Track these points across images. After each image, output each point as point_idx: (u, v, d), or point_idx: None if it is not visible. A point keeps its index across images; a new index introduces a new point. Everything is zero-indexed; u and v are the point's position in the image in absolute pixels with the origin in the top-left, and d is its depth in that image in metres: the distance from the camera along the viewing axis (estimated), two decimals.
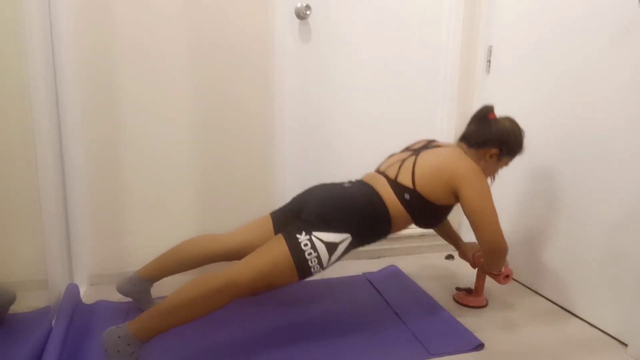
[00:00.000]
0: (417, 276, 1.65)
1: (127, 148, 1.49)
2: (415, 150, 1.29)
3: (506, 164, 1.34)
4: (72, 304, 1.22)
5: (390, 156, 1.37)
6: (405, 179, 1.22)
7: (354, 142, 1.78)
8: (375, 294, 1.45)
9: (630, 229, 1.17)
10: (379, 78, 1.76)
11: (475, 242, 1.42)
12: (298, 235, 1.09)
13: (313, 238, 1.09)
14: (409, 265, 1.76)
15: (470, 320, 1.29)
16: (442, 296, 1.46)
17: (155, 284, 1.29)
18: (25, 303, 1.17)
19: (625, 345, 1.18)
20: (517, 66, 1.61)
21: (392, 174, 1.26)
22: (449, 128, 1.85)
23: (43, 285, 1.25)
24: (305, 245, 1.08)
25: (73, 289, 1.32)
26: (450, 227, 1.53)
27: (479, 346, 1.14)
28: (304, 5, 1.58)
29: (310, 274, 1.10)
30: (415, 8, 1.76)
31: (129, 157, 1.50)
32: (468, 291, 1.42)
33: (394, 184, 1.23)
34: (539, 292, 1.51)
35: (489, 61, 1.77)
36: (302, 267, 1.08)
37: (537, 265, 1.52)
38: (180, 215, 1.59)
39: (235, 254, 1.22)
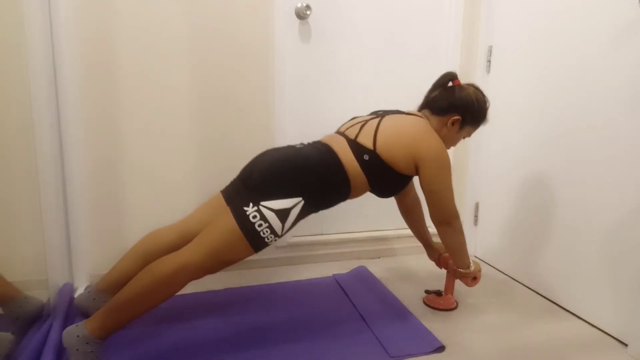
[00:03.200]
0: (398, 277, 1.65)
1: (127, 148, 1.49)
2: (380, 114, 1.24)
3: (469, 133, 1.30)
4: (65, 304, 1.22)
5: (352, 118, 1.32)
6: (365, 140, 1.16)
7: None
8: (342, 296, 1.44)
9: (630, 229, 1.17)
10: (379, 78, 1.76)
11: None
12: (245, 208, 1.04)
13: (261, 208, 1.03)
14: (400, 265, 1.76)
15: (437, 323, 1.29)
16: (412, 298, 1.45)
17: None
18: None
19: (625, 345, 1.18)
20: (517, 66, 1.61)
21: (352, 134, 1.20)
22: None
23: (43, 285, 1.26)
24: (254, 217, 1.03)
25: (67, 289, 1.32)
26: (422, 224, 1.50)
27: (440, 348, 1.13)
28: (304, 5, 1.58)
29: (265, 244, 1.06)
30: (415, 8, 1.76)
31: (129, 157, 1.50)
32: (437, 294, 1.41)
33: (354, 144, 1.16)
34: (539, 292, 1.51)
35: (489, 61, 1.77)
36: (254, 239, 1.04)
37: (537, 265, 1.52)
38: (180, 216, 1.58)
39: (190, 241, 1.12)
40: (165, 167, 1.54)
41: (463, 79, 1.82)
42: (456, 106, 1.23)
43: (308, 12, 1.59)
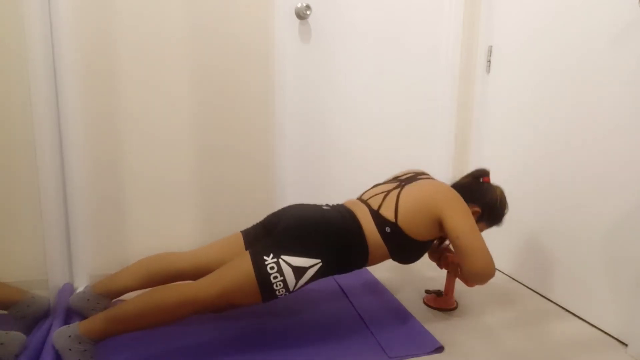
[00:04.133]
0: (398, 277, 1.65)
1: (127, 148, 1.49)
2: (401, 182, 1.25)
3: (481, 229, 1.31)
4: (65, 304, 1.22)
5: (375, 186, 1.33)
6: (388, 212, 1.17)
7: (354, 142, 1.78)
8: (341, 297, 1.44)
9: (631, 229, 1.17)
10: (379, 78, 1.76)
11: (445, 243, 1.42)
12: (265, 257, 1.05)
13: (281, 261, 1.04)
14: (400, 265, 1.76)
15: (437, 323, 1.29)
16: (413, 299, 1.45)
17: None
18: None
19: (625, 345, 1.18)
20: (517, 66, 1.61)
21: (375, 204, 1.21)
22: (449, 128, 1.85)
23: (43, 285, 1.26)
24: (272, 268, 1.03)
25: (67, 289, 1.32)
26: None
27: (439, 349, 1.13)
28: (304, 5, 1.58)
29: (275, 297, 1.06)
30: (415, 8, 1.76)
31: (129, 158, 1.50)
32: (437, 294, 1.41)
33: (376, 215, 1.17)
34: (539, 292, 1.51)
35: (489, 61, 1.77)
36: (266, 290, 1.04)
37: (537, 265, 1.52)
38: (180, 216, 1.59)
39: (200, 273, 1.15)
40: (165, 167, 1.54)
41: (463, 79, 1.84)
42: (480, 200, 1.28)
43: (308, 12, 1.59)
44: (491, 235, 1.77)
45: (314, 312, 1.33)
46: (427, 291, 1.45)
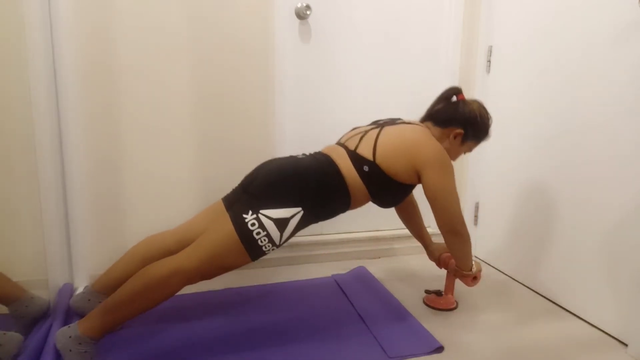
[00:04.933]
0: (398, 277, 1.65)
1: (127, 148, 1.49)
2: (380, 124, 1.24)
3: (469, 148, 1.31)
4: (65, 304, 1.22)
5: (353, 128, 1.31)
6: (365, 151, 1.16)
7: None
8: (341, 297, 1.44)
9: (630, 229, 1.17)
10: (379, 78, 1.76)
11: (443, 243, 1.42)
12: (245, 215, 1.03)
13: (260, 216, 1.03)
14: (400, 265, 1.76)
15: (437, 323, 1.29)
16: (413, 298, 1.45)
17: None
18: None
19: (625, 345, 1.18)
20: (517, 66, 1.61)
21: (352, 145, 1.20)
22: None
23: (43, 285, 1.26)
24: (253, 224, 1.02)
25: (67, 289, 1.32)
26: (421, 226, 1.50)
27: (439, 349, 1.13)
28: (304, 5, 1.58)
29: (263, 253, 1.05)
30: (415, 8, 1.76)
31: (129, 157, 1.50)
32: (437, 293, 1.41)
33: (353, 155, 1.16)
34: (539, 292, 1.51)
35: (489, 61, 1.77)
36: (251, 247, 1.03)
37: (537, 265, 1.52)
38: (180, 216, 1.58)
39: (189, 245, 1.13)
40: (165, 166, 1.54)
41: (463, 79, 1.84)
42: (459, 120, 1.24)
43: (308, 12, 1.59)
44: (491, 235, 1.77)
45: (314, 312, 1.33)
46: (427, 291, 1.45)
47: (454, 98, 1.29)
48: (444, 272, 1.44)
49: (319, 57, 1.67)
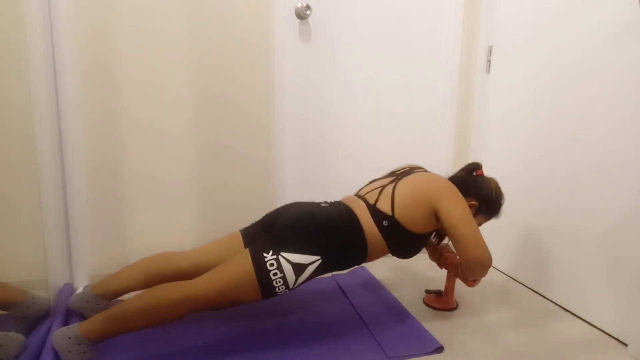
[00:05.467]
0: (398, 277, 1.65)
1: (127, 148, 1.49)
2: (397, 176, 1.26)
3: (479, 223, 1.32)
4: (65, 304, 1.22)
5: (372, 181, 1.33)
6: (384, 206, 1.18)
7: (354, 142, 1.78)
8: (341, 297, 1.44)
9: (630, 229, 1.17)
10: (379, 78, 1.76)
11: (445, 242, 1.42)
12: (265, 254, 1.05)
13: (280, 258, 1.04)
14: (400, 265, 1.76)
15: (437, 323, 1.29)
16: (413, 298, 1.45)
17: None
18: None
19: (625, 345, 1.18)
20: (517, 66, 1.61)
21: (371, 199, 1.22)
22: (449, 128, 1.85)
23: (43, 285, 1.26)
24: (272, 265, 1.04)
25: (67, 289, 1.32)
26: None
27: (438, 349, 1.13)
28: (304, 5, 1.58)
29: (275, 294, 1.06)
30: (415, 8, 1.76)
31: (129, 157, 1.50)
32: (438, 294, 1.41)
33: (373, 210, 1.18)
34: (539, 292, 1.51)
35: (489, 61, 1.77)
36: (266, 287, 1.04)
37: (537, 265, 1.52)
38: (180, 215, 1.59)
39: (199, 272, 1.14)
40: (165, 167, 1.54)
41: (463, 80, 1.84)
42: (476, 193, 1.29)
43: (308, 12, 1.59)
44: (491, 235, 1.77)
45: (314, 312, 1.33)
46: (427, 291, 1.45)
47: (474, 173, 1.35)
48: (444, 272, 1.44)
49: (319, 57, 1.67)
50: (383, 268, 1.72)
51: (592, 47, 1.28)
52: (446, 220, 1.15)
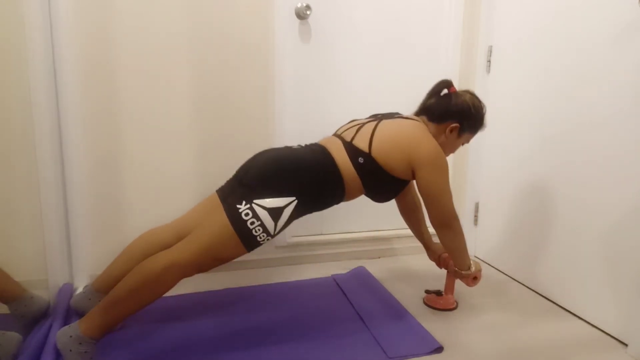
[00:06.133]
0: (398, 277, 1.65)
1: (127, 148, 1.49)
2: (379, 118, 1.25)
3: (467, 140, 1.31)
4: (65, 304, 1.22)
5: (351, 121, 1.32)
6: (361, 143, 1.16)
7: None
8: (341, 297, 1.44)
9: (630, 229, 1.17)
10: (379, 78, 1.76)
11: None
12: (238, 206, 1.03)
13: (254, 206, 1.03)
14: (400, 265, 1.76)
15: (436, 323, 1.28)
16: (413, 298, 1.45)
17: None
18: None
19: (625, 345, 1.18)
20: (517, 66, 1.61)
21: (348, 136, 1.20)
22: None
23: (43, 285, 1.26)
24: (247, 214, 1.02)
25: (67, 289, 1.32)
26: (422, 225, 1.50)
27: (438, 349, 1.13)
28: (304, 5, 1.58)
29: (258, 243, 1.05)
30: (415, 8, 1.76)
31: (129, 157, 1.50)
32: (437, 293, 1.41)
33: (349, 146, 1.17)
34: (539, 292, 1.51)
35: (489, 61, 1.77)
36: (246, 237, 1.03)
37: (537, 265, 1.52)
38: (180, 215, 1.58)
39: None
40: (165, 166, 1.54)
41: (463, 80, 1.83)
42: (453, 113, 1.24)
43: (308, 12, 1.59)
44: (492, 235, 1.77)
45: (313, 312, 1.33)
46: (427, 291, 1.45)
47: (445, 91, 1.29)
48: (444, 272, 1.44)
49: (319, 57, 1.67)
50: (383, 268, 1.72)
51: (592, 47, 1.28)
52: (421, 186, 1.17)
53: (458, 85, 1.81)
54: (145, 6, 1.43)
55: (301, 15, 1.59)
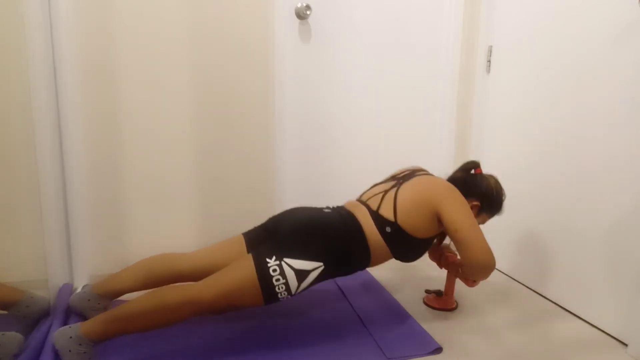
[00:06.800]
0: (398, 277, 1.65)
1: (127, 148, 1.49)
2: (398, 180, 1.26)
3: (483, 221, 1.33)
4: (65, 304, 1.22)
5: (373, 185, 1.33)
6: (386, 211, 1.18)
7: (354, 142, 1.78)
8: (340, 297, 1.44)
9: (630, 229, 1.17)
10: (379, 78, 1.76)
11: (445, 243, 1.42)
12: (268, 260, 1.05)
13: (283, 264, 1.04)
14: (400, 265, 1.76)
15: (436, 323, 1.28)
16: (413, 299, 1.45)
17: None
18: None
19: (625, 345, 1.18)
20: (517, 66, 1.61)
21: (374, 204, 1.21)
22: (448, 128, 1.85)
23: (43, 285, 1.26)
24: (274, 270, 1.04)
25: (67, 289, 1.32)
26: None
27: (437, 350, 1.13)
28: (304, 5, 1.58)
29: (277, 300, 1.06)
30: (415, 8, 1.76)
31: (130, 158, 1.50)
32: (437, 294, 1.41)
33: (376, 216, 1.18)
34: (539, 292, 1.51)
35: (489, 61, 1.77)
36: (268, 292, 1.04)
37: (537, 265, 1.52)
38: (180, 216, 1.58)
39: (201, 274, 1.13)
40: (165, 167, 1.54)
41: (463, 79, 1.83)
42: (477, 193, 1.28)
43: (308, 12, 1.59)
44: (491, 235, 1.77)
45: (313, 312, 1.33)
46: (427, 291, 1.45)
47: (472, 171, 1.34)
48: (444, 272, 1.44)
49: (319, 57, 1.67)
50: (383, 268, 1.72)
51: (592, 47, 1.28)
52: (449, 225, 1.15)
53: (458, 86, 1.83)
54: (145, 6, 1.43)
55: (301, 15, 1.59)
